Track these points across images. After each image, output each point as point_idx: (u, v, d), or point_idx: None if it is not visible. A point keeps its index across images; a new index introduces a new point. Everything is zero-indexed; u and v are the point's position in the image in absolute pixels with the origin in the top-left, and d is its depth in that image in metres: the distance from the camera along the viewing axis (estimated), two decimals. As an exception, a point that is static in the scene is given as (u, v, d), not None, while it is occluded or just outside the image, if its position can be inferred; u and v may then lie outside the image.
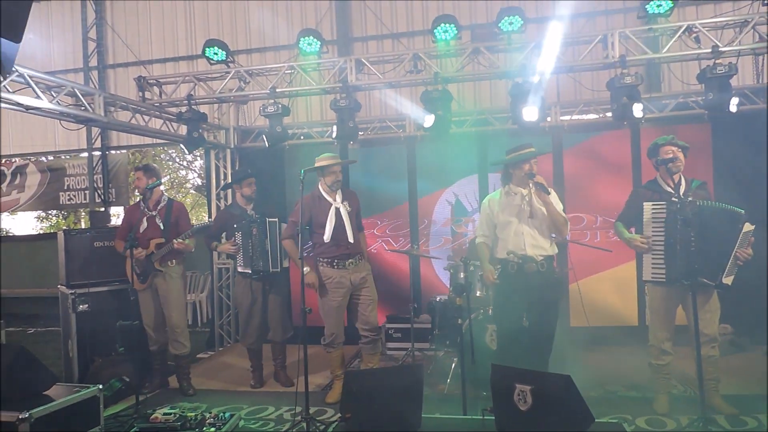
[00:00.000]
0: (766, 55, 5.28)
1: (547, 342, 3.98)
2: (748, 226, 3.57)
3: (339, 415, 3.64)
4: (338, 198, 4.49)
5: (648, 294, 4.08)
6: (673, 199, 3.68)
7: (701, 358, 3.54)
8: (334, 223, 4.40)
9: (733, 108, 4.51)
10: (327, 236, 4.39)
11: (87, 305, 4.92)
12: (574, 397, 2.63)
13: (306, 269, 4.19)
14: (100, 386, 3.61)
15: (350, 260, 4.46)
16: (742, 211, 3.59)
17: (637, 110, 4.57)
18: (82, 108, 4.92)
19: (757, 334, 5.41)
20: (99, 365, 4.78)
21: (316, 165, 4.45)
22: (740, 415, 3.78)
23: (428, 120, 4.92)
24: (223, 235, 5.11)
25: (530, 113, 4.72)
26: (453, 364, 4.71)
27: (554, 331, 4.00)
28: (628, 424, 3.73)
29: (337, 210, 4.44)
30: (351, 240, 4.43)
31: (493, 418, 2.90)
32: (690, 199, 3.69)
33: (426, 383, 3.46)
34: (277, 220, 4.85)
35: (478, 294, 4.91)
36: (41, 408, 3.16)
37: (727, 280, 3.61)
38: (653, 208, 3.78)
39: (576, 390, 2.63)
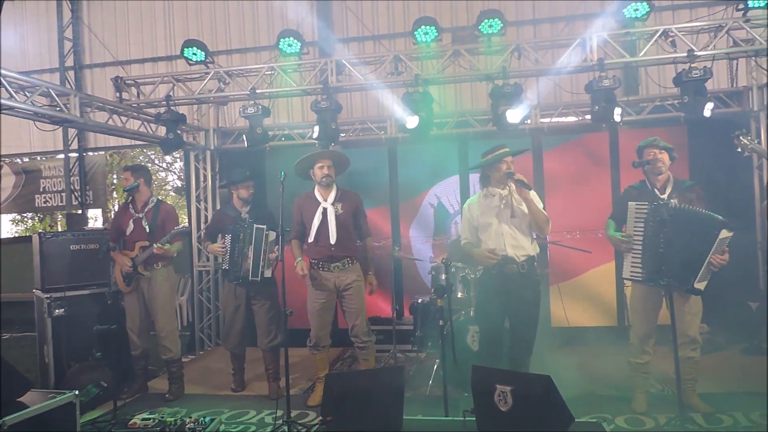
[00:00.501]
0: (740, 59, 5.40)
1: (528, 342, 3.99)
2: (725, 233, 3.53)
3: (320, 418, 3.62)
4: (330, 198, 4.46)
5: (630, 292, 4.12)
6: (660, 201, 3.72)
7: (681, 358, 3.59)
8: (318, 224, 4.39)
9: (707, 113, 4.59)
10: (311, 237, 4.41)
11: (63, 309, 4.84)
12: (554, 397, 2.64)
13: (298, 259, 4.39)
14: (77, 392, 3.53)
15: (335, 263, 4.42)
16: (721, 218, 3.56)
17: (617, 114, 4.63)
18: (57, 108, 4.83)
19: (733, 333, 5.53)
20: (76, 370, 4.70)
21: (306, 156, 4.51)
22: (716, 413, 3.84)
23: (412, 121, 4.91)
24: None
25: (514, 115, 4.75)
26: (435, 366, 4.72)
27: (535, 332, 4.02)
28: (608, 423, 3.77)
29: (325, 210, 4.42)
30: (332, 241, 4.38)
31: (475, 419, 2.91)
32: (673, 201, 3.73)
33: (408, 385, 3.47)
34: (264, 227, 4.66)
35: (459, 295, 4.92)
36: (15, 415, 3.07)
37: (700, 285, 3.61)
38: (637, 208, 3.82)
39: (556, 390, 2.64)
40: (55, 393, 3.48)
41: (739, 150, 3.70)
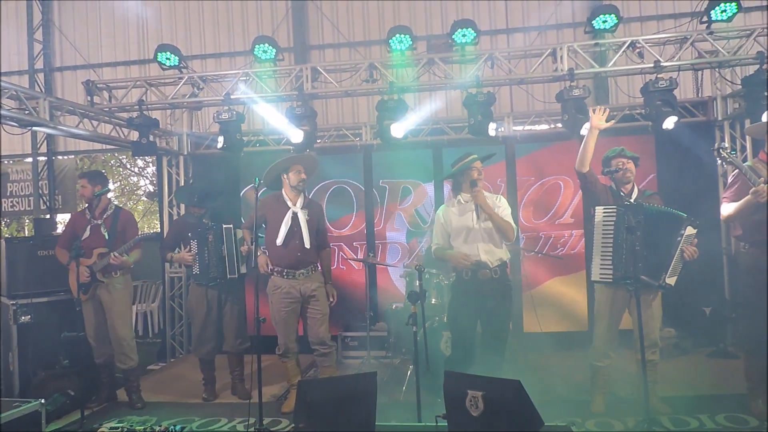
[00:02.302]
0: (705, 70, 5.56)
1: (500, 347, 4.03)
2: (690, 230, 3.75)
3: (293, 425, 3.60)
4: (299, 203, 4.43)
5: (596, 296, 4.21)
6: (626, 203, 3.84)
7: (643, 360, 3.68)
8: (288, 228, 4.31)
9: (668, 125, 4.71)
10: (279, 240, 4.30)
11: (29, 316, 4.73)
12: (524, 402, 2.68)
13: (259, 252, 4.31)
14: (42, 401, 3.47)
15: (301, 270, 4.37)
16: (685, 215, 3.77)
17: (584, 129, 4.72)
18: (26, 112, 4.74)
19: (699, 337, 5.66)
20: (42, 379, 4.59)
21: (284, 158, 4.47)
22: (683, 415, 3.92)
23: (398, 129, 4.93)
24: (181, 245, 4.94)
25: (491, 128, 4.85)
26: (409, 372, 4.73)
27: (507, 337, 4.07)
28: (577, 426, 3.81)
29: (295, 215, 4.36)
30: (307, 246, 4.33)
31: (446, 424, 2.93)
32: (646, 203, 3.87)
33: (382, 391, 3.45)
34: (232, 226, 4.75)
35: (433, 302, 4.96)
36: (-23, 425, 3.02)
37: (671, 281, 3.79)
38: (604, 212, 3.92)
39: (526, 394, 2.68)
40: (20, 402, 3.42)
41: (719, 161, 3.85)
